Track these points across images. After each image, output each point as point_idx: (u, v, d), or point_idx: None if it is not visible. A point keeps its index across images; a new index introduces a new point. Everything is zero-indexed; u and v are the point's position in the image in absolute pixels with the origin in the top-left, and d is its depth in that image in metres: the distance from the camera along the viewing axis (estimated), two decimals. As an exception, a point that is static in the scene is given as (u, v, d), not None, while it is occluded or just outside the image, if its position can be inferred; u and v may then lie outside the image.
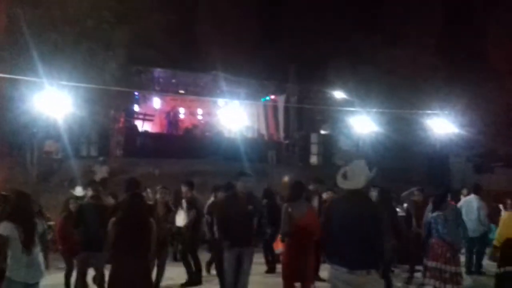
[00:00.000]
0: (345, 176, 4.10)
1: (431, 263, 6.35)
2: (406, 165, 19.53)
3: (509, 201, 7.78)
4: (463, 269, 7.00)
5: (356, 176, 4.05)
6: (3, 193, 6.36)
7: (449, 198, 7.22)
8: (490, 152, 19.11)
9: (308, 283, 5.61)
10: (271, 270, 8.65)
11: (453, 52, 18.44)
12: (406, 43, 18.51)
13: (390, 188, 7.62)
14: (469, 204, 8.54)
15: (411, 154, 19.85)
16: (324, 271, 7.90)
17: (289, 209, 5.56)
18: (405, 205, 8.99)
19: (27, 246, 4.72)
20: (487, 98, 17.39)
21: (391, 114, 16.60)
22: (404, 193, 8.91)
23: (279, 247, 10.36)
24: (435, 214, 6.42)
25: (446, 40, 18.98)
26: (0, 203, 6.13)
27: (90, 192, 6.45)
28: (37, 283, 4.95)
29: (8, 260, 4.71)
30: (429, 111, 15.59)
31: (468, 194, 9.11)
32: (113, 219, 4.65)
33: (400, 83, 18.18)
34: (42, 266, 5.01)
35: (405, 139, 18.71)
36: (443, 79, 18.19)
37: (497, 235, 6.85)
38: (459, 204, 8.45)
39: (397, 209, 8.07)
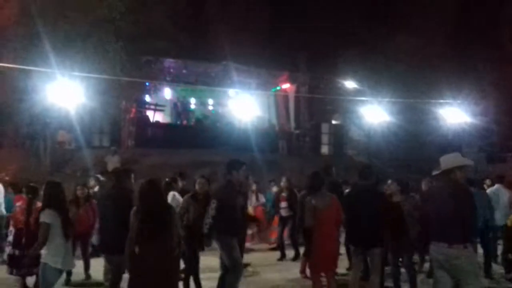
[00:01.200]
0: (439, 167, 4.71)
1: None
2: (418, 155, 19.40)
3: None
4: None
5: (444, 162, 4.64)
6: (32, 184, 6.51)
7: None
8: (503, 141, 18.88)
9: (331, 272, 5.66)
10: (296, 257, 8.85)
11: (465, 40, 18.18)
12: (418, 32, 18.27)
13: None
14: (496, 193, 8.53)
15: (423, 144, 19.69)
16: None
17: (313, 202, 5.53)
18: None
19: (67, 233, 4.96)
20: (500, 86, 17.13)
21: (403, 104, 16.45)
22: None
23: (273, 235, 10.54)
24: None
25: (458, 29, 18.69)
26: (29, 193, 6.33)
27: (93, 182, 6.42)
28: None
29: (47, 248, 4.87)
30: (441, 101, 15.41)
31: (492, 184, 9.11)
32: (134, 209, 4.61)
33: (412, 72, 17.99)
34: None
35: (417, 128, 18.56)
36: (456, 68, 17.95)
37: None
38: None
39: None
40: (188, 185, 8.72)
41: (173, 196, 7.27)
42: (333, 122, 23.15)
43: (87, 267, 7.23)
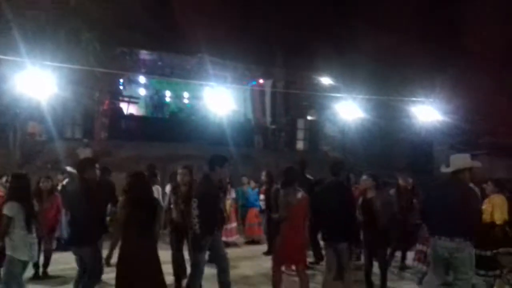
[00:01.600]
0: (447, 164, 5.08)
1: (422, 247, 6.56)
2: (391, 152, 19.77)
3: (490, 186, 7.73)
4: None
5: (455, 162, 5.01)
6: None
7: None
8: (473, 139, 19.37)
9: (302, 265, 5.80)
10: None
11: (439, 40, 18.53)
12: (393, 30, 18.51)
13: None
14: None
15: (396, 141, 20.06)
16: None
17: (286, 196, 5.73)
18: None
19: (29, 225, 4.96)
20: (471, 86, 17.54)
21: (377, 101, 16.69)
22: None
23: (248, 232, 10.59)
24: None
25: (432, 28, 19.02)
26: None
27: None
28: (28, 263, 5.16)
29: (11, 240, 4.85)
30: (414, 98, 15.70)
31: None
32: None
33: (386, 70, 18.25)
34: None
35: (391, 126, 18.88)
36: (428, 67, 18.28)
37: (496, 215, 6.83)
38: None
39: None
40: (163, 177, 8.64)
41: (157, 190, 7.18)
42: (309, 117, 23.31)
43: (46, 263, 6.94)
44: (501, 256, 6.48)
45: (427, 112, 15.51)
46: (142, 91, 20.58)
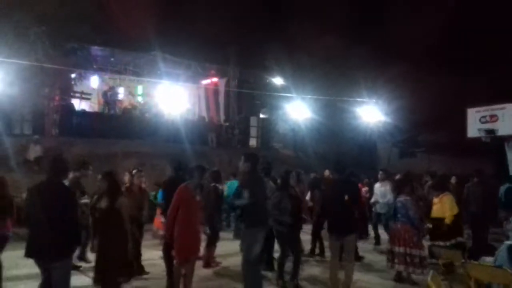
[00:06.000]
0: None
1: (398, 249, 6.48)
2: (338, 150, 20.63)
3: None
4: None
5: None
6: None
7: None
8: (412, 138, 20.59)
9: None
10: None
11: (380, 44, 19.47)
12: (340, 34, 19.28)
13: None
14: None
15: (343, 140, 20.93)
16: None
17: None
18: None
19: None
20: (410, 89, 18.63)
21: (325, 101, 17.36)
22: None
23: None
24: (402, 198, 6.57)
25: (375, 34, 19.97)
26: None
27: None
28: None
29: None
30: (359, 99, 16.48)
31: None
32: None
33: (334, 72, 18.98)
34: None
35: (338, 125, 19.67)
36: (372, 69, 19.19)
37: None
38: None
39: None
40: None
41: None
42: (261, 116, 23.80)
43: None
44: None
45: (371, 113, 16.33)
46: (94, 87, 20.32)
